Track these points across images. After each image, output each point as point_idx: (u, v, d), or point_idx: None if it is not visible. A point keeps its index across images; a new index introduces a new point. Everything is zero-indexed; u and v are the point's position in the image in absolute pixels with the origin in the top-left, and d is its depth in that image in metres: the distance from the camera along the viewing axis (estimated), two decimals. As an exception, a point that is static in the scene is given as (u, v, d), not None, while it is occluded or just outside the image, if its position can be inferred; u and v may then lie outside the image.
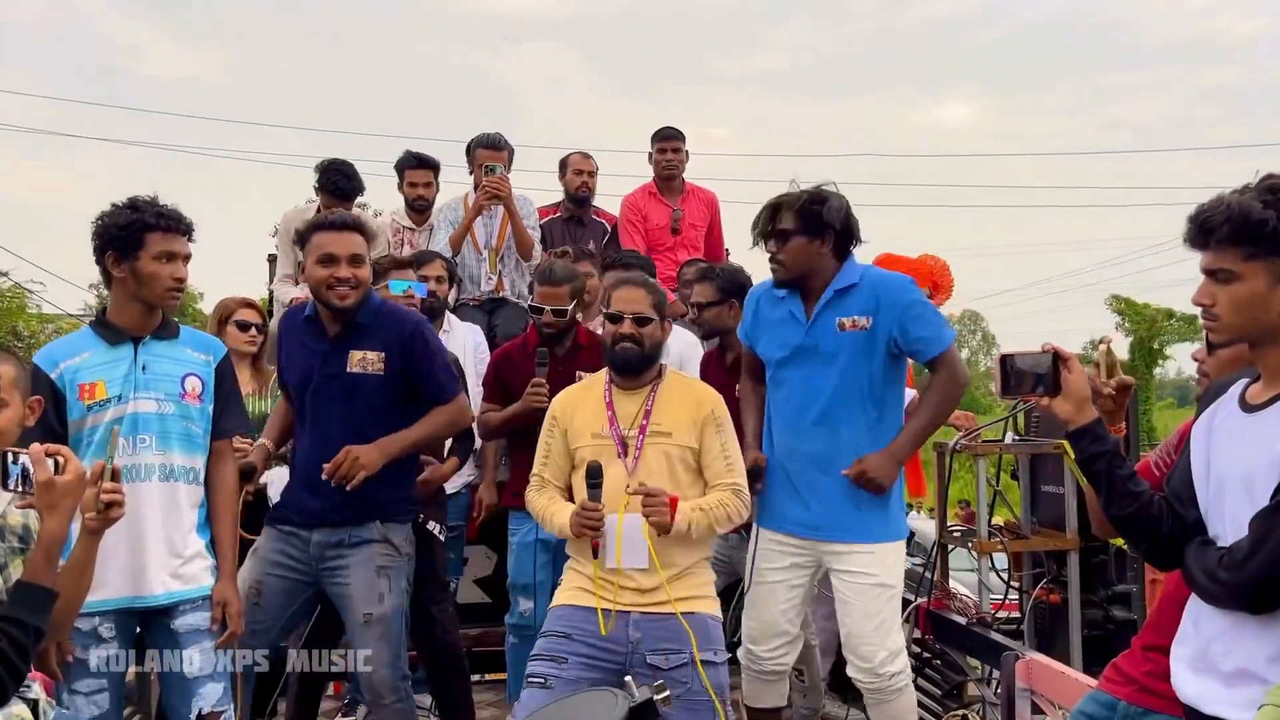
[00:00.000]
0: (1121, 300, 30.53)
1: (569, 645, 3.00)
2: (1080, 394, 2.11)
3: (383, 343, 3.29)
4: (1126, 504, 2.05)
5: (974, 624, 4.02)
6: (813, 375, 3.31)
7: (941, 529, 4.50)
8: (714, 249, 5.78)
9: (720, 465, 3.13)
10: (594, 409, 3.20)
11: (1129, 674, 2.42)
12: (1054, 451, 4.40)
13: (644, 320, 3.17)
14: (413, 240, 5.39)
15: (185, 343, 3.06)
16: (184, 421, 2.98)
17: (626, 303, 3.20)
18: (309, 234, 3.31)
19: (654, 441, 3.11)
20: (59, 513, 1.96)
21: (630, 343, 3.15)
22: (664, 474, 3.08)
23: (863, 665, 3.26)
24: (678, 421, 3.13)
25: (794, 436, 3.35)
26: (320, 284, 3.23)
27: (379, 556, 3.27)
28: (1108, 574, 4.40)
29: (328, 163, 5.20)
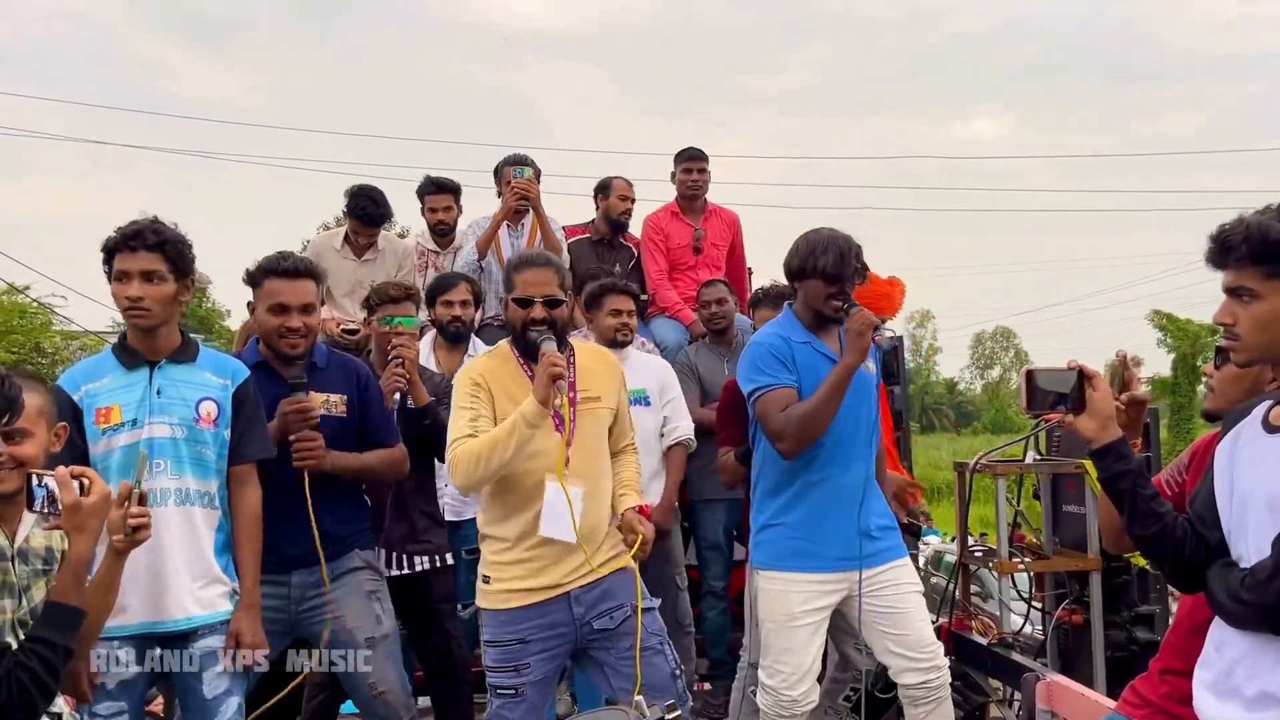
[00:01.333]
0: (1163, 316, 29.95)
1: (525, 650, 3.00)
2: (1104, 412, 2.11)
3: (341, 386, 3.36)
4: (1149, 524, 2.05)
5: (995, 645, 4.00)
6: (852, 408, 3.37)
7: (962, 549, 4.48)
8: (736, 269, 5.80)
9: (625, 424, 3.29)
10: (513, 378, 3.07)
11: (1146, 697, 2.41)
12: (1075, 471, 4.38)
13: (554, 302, 3.07)
14: (438, 263, 5.45)
15: (204, 366, 3.02)
16: (197, 446, 2.95)
17: (536, 285, 3.07)
18: (260, 277, 3.27)
19: (587, 409, 3.12)
20: (86, 534, 2.01)
21: (544, 327, 3.03)
22: (599, 439, 3.16)
23: (927, 664, 3.38)
24: (603, 386, 3.18)
25: (842, 469, 3.39)
26: (271, 332, 3.25)
27: (367, 582, 3.35)
28: (1131, 595, 4.35)
29: (357, 188, 5.26)
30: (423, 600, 3.79)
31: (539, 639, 3.01)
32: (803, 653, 3.37)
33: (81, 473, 2.05)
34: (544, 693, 3.08)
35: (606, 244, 5.68)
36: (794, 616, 3.37)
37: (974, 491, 4.41)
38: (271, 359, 3.33)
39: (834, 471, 3.39)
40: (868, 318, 3.29)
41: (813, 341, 3.43)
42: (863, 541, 3.37)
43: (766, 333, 3.53)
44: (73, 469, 2.06)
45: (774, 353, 3.41)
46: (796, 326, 3.48)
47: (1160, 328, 29.88)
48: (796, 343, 3.44)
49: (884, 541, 3.45)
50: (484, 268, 5.22)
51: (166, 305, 2.92)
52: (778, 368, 3.38)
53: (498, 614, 3.04)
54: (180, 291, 2.94)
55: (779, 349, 3.41)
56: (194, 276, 2.99)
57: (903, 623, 3.39)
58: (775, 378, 3.37)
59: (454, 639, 3.88)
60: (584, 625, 3.04)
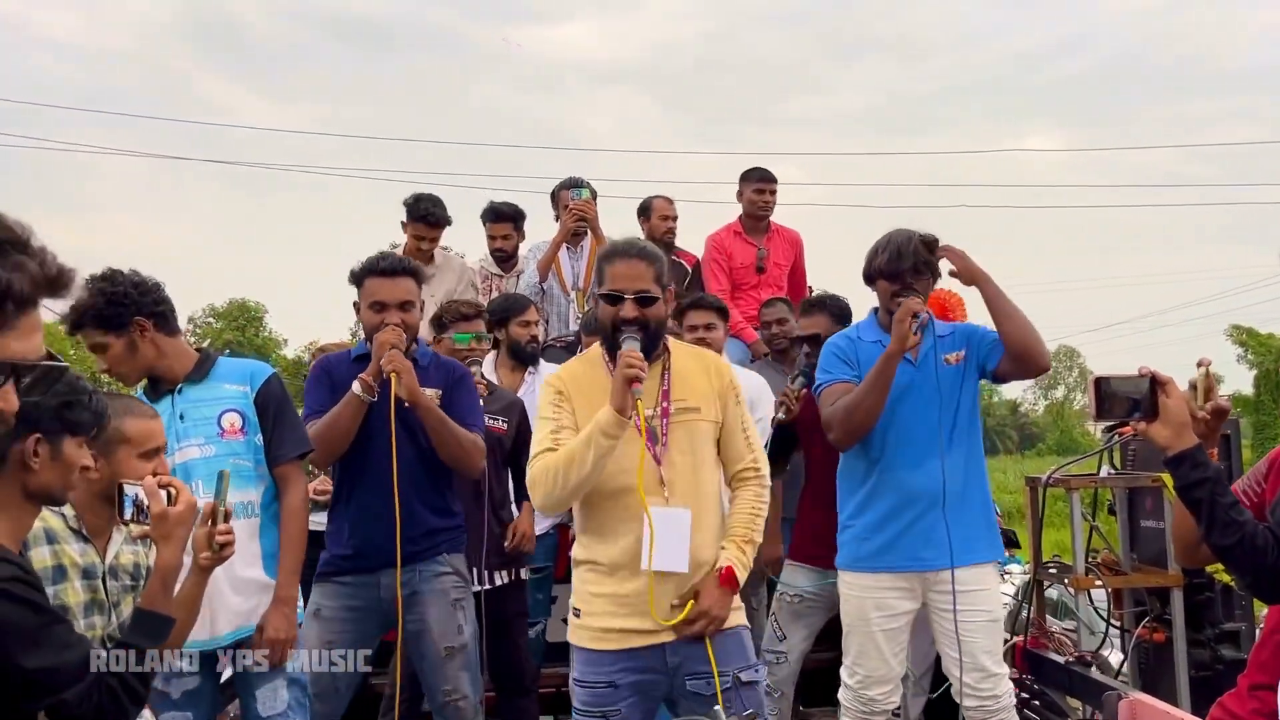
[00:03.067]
0: (1243, 331, 28.91)
1: (615, 694, 2.71)
2: (1180, 418, 2.07)
3: (438, 382, 3.42)
4: (1230, 533, 2.00)
5: (1073, 663, 3.91)
6: (918, 408, 3.37)
7: (1036, 566, 4.40)
8: (797, 288, 5.79)
9: (741, 442, 2.86)
10: (600, 385, 2.74)
11: (1235, 713, 2.34)
12: (1153, 485, 4.28)
13: (648, 299, 2.75)
14: (501, 286, 5.51)
15: (221, 378, 3.03)
16: (230, 458, 2.94)
17: (627, 279, 2.75)
18: (362, 277, 3.38)
19: (682, 420, 2.78)
20: (173, 542, 2.05)
21: (635, 327, 2.72)
22: (696, 454, 2.78)
23: (986, 694, 3.30)
24: (701, 394, 2.82)
25: (911, 469, 3.36)
26: (372, 329, 3.33)
27: (453, 589, 3.37)
28: (1214, 611, 4.24)
29: (416, 195, 5.30)
30: (496, 615, 3.82)
31: (630, 683, 2.72)
32: (877, 656, 3.36)
33: (169, 482, 2.10)
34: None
35: None
36: (868, 620, 3.36)
37: (1048, 514, 4.32)
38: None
39: (902, 472, 3.36)
40: (909, 306, 3.26)
41: (883, 339, 3.40)
42: (940, 542, 3.31)
43: (837, 333, 3.63)
44: (160, 479, 2.11)
45: (836, 352, 3.50)
46: (871, 327, 3.53)
47: (1240, 343, 28.86)
48: (866, 342, 3.48)
49: (965, 544, 3.33)
50: (545, 290, 5.27)
51: (125, 362, 2.94)
52: (837, 364, 3.46)
53: (587, 653, 2.76)
54: (130, 342, 2.92)
55: (842, 348, 3.50)
56: (138, 318, 2.89)
57: (967, 648, 3.31)
58: (832, 373, 3.45)
59: (524, 654, 3.91)
60: (676, 678, 2.74)
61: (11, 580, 1.71)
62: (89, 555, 2.40)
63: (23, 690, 1.72)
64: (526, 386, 4.58)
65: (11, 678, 1.69)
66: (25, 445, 1.85)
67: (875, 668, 3.37)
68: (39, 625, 1.73)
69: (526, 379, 4.60)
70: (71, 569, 2.35)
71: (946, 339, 3.49)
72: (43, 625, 1.74)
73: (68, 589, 2.33)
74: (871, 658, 3.37)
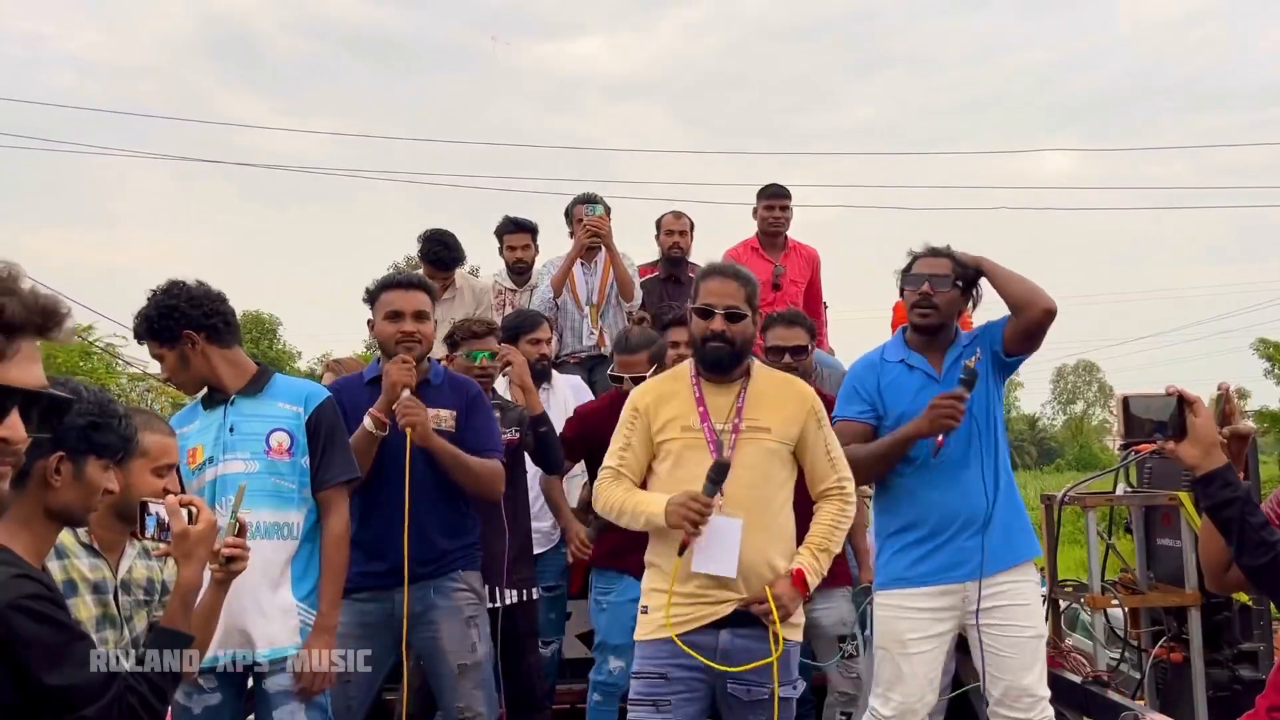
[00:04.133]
0: (1270, 345, 28.34)
1: (667, 686, 2.90)
2: (1209, 438, 2.06)
3: (453, 403, 3.45)
4: (1261, 553, 1.99)
5: (1089, 682, 3.89)
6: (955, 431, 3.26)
7: (1052, 584, 4.37)
8: (813, 304, 5.78)
9: (824, 464, 3.05)
10: (683, 401, 3.01)
11: (1254, 734, 2.32)
12: (1169, 503, 4.25)
13: (737, 316, 2.98)
14: (514, 301, 5.54)
15: (276, 395, 3.03)
16: (272, 478, 2.95)
17: (718, 296, 2.99)
18: (377, 292, 3.44)
19: (751, 437, 2.96)
20: (193, 560, 2.07)
21: (721, 341, 2.97)
22: (759, 471, 2.96)
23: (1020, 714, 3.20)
24: (776, 417, 3.00)
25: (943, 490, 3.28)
26: (389, 339, 3.38)
27: (467, 607, 3.40)
28: (1233, 631, 4.19)
29: (429, 233, 5.40)
30: (509, 633, 3.82)
31: (681, 678, 2.90)
32: (912, 680, 3.24)
33: (189, 501, 2.12)
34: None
35: (674, 280, 5.74)
36: (904, 642, 3.25)
37: (1068, 531, 4.30)
38: None
39: (936, 492, 3.29)
40: (954, 396, 3.13)
41: (909, 358, 3.39)
42: (976, 555, 3.23)
43: (863, 357, 3.57)
44: (181, 497, 2.13)
45: (856, 384, 3.45)
46: (898, 344, 3.48)
47: (1268, 357, 28.23)
48: (890, 362, 3.43)
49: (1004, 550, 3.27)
50: (559, 305, 5.30)
51: (179, 373, 3.02)
52: (854, 399, 3.42)
53: (645, 645, 2.97)
54: (181, 354, 2.98)
55: (860, 378, 3.45)
56: (188, 331, 2.95)
57: (1004, 667, 3.23)
58: (845, 409, 3.42)
59: (536, 672, 3.90)
60: (720, 679, 2.93)
61: (35, 598, 1.72)
62: (100, 570, 2.41)
63: (45, 707, 1.73)
64: (542, 399, 4.60)
65: (34, 694, 1.70)
66: (48, 462, 1.86)
67: (910, 693, 3.23)
68: (61, 642, 1.75)
69: (542, 392, 4.62)
70: (81, 584, 2.36)
71: (969, 347, 3.41)
72: (65, 642, 1.76)
73: (79, 604, 2.34)
74: (906, 683, 3.24)
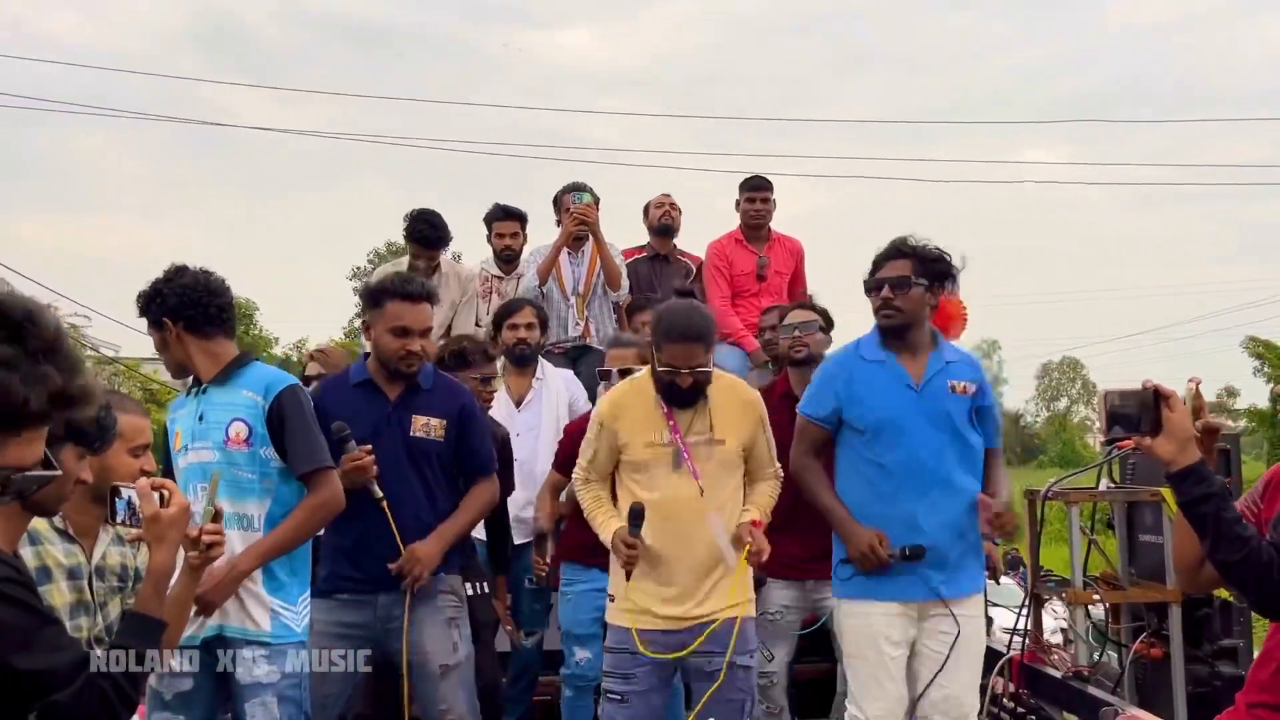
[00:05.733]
0: (1260, 343, 28.29)
1: (633, 660, 3.21)
2: (1183, 433, 2.05)
3: (443, 411, 3.40)
4: (1235, 549, 1.98)
5: (1070, 678, 3.90)
6: (927, 440, 3.29)
7: (1034, 580, 4.38)
8: (796, 297, 5.76)
9: (765, 457, 3.39)
10: (647, 415, 3.28)
11: (1234, 731, 2.32)
12: (1151, 499, 4.26)
13: (703, 373, 3.23)
14: (501, 289, 5.51)
15: (242, 384, 2.97)
16: (231, 468, 2.89)
17: (683, 359, 3.19)
18: (384, 299, 3.32)
19: (712, 449, 3.26)
20: (166, 545, 2.03)
21: (689, 391, 3.23)
22: (720, 479, 3.26)
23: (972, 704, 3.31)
24: (733, 427, 3.29)
25: (914, 502, 3.28)
26: (393, 354, 3.31)
27: (448, 609, 3.39)
28: (1213, 628, 4.21)
29: (416, 212, 5.32)
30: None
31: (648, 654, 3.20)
32: (890, 683, 3.26)
33: (161, 484, 2.08)
34: (650, 702, 3.25)
35: (663, 259, 5.74)
36: (879, 649, 3.27)
37: (1053, 530, 4.30)
38: (378, 375, 3.39)
39: (908, 503, 3.28)
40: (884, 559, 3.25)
41: (885, 361, 3.38)
42: (945, 571, 3.29)
43: (840, 349, 3.58)
44: (153, 481, 2.09)
45: (827, 379, 3.45)
46: (871, 344, 3.44)
47: (1257, 355, 28.19)
48: (867, 361, 3.41)
49: (968, 574, 3.37)
50: (545, 294, 5.27)
51: (163, 354, 3.03)
52: (822, 397, 3.44)
53: (613, 628, 3.29)
54: (162, 339, 2.98)
55: (832, 375, 3.45)
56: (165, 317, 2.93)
57: (950, 677, 3.28)
58: (812, 407, 3.46)
59: (491, 660, 3.94)
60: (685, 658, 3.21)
61: (6, 581, 1.69)
62: (74, 556, 2.38)
63: (15, 692, 1.71)
64: (534, 393, 4.59)
65: (4, 679, 1.68)
66: None
67: (889, 694, 3.26)
68: (32, 627, 1.72)
69: (534, 385, 4.60)
70: (56, 569, 2.34)
71: (957, 365, 3.41)
72: (36, 627, 1.73)
73: (52, 590, 2.31)
74: (884, 686, 3.26)
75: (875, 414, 3.33)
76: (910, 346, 3.38)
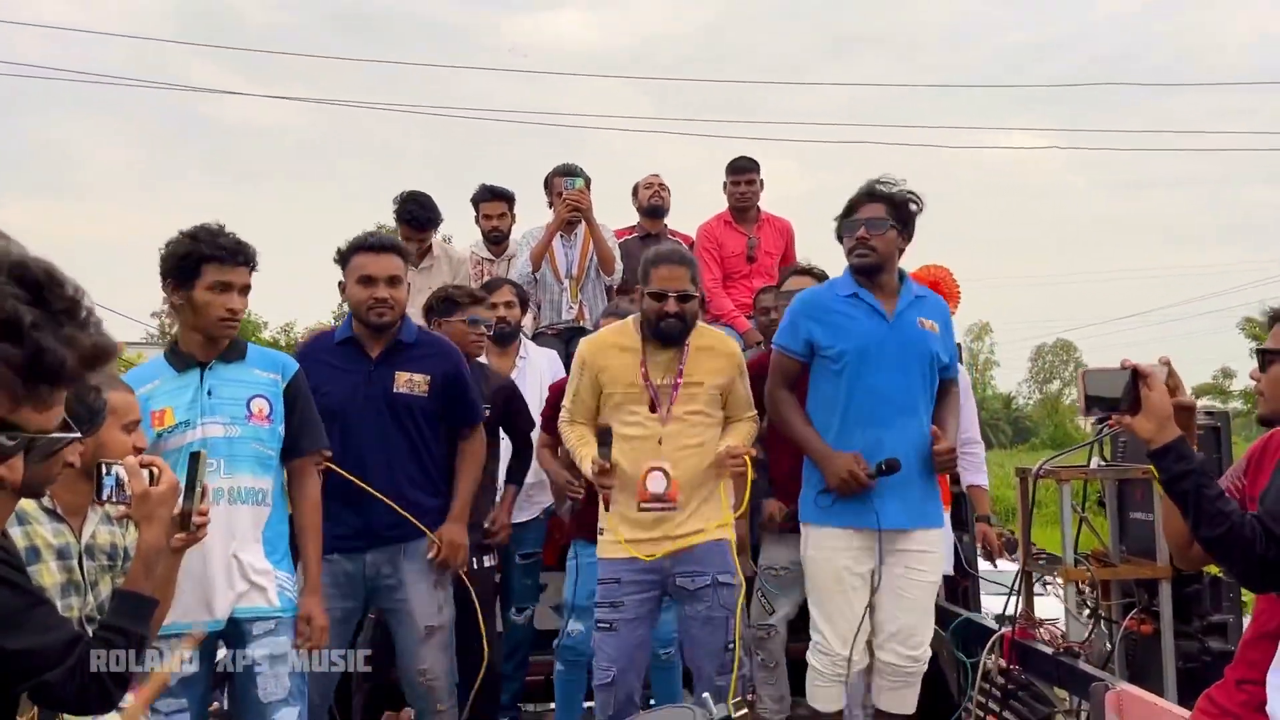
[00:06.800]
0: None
1: (620, 588, 3.41)
2: (1162, 411, 2.06)
3: (427, 367, 3.44)
4: (1218, 524, 1.99)
5: (1061, 654, 3.91)
6: (900, 368, 3.41)
7: (1025, 556, 4.39)
8: (789, 275, 5.77)
9: (743, 401, 3.57)
10: (627, 359, 3.46)
11: (1224, 706, 2.33)
12: (1142, 477, 4.28)
13: (687, 297, 3.39)
14: (492, 271, 5.48)
15: (253, 363, 3.03)
16: (254, 444, 2.96)
17: (669, 281, 3.38)
18: (349, 255, 3.41)
19: (688, 391, 3.43)
20: (155, 523, 2.02)
21: (675, 319, 3.38)
22: (692, 421, 3.43)
23: (909, 652, 3.41)
24: (709, 371, 3.46)
25: (882, 429, 3.38)
26: (360, 304, 3.37)
27: (435, 570, 3.41)
28: (1203, 604, 4.24)
29: (405, 194, 5.31)
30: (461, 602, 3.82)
31: (632, 581, 3.41)
32: (850, 612, 3.39)
33: (150, 462, 2.07)
34: (636, 631, 3.43)
35: (654, 238, 5.71)
36: (840, 578, 3.40)
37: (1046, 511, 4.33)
38: (361, 334, 3.44)
39: (873, 430, 3.39)
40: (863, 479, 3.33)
41: (859, 293, 3.48)
42: (908, 502, 3.39)
43: (810, 289, 3.69)
44: (142, 458, 2.08)
45: (801, 311, 3.54)
46: (847, 280, 3.55)
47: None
48: (841, 296, 3.50)
49: (930, 506, 3.49)
50: (537, 279, 5.25)
51: (174, 319, 3.09)
52: (795, 331, 3.52)
53: (604, 561, 3.47)
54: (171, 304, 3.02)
55: (808, 308, 3.53)
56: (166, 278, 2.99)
57: (900, 605, 3.41)
58: (786, 339, 3.54)
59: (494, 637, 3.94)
60: (669, 576, 3.42)
61: None
62: (63, 535, 2.37)
63: (5, 672, 1.70)
64: (518, 371, 4.59)
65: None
66: None
67: (849, 620, 3.39)
68: (22, 606, 1.71)
69: (518, 364, 4.61)
70: (45, 550, 2.32)
71: (925, 301, 3.55)
72: (25, 607, 1.72)
73: (42, 570, 2.30)
74: (846, 616, 3.39)
75: (849, 341, 3.43)
76: (881, 285, 3.49)
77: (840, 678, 3.42)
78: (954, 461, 3.51)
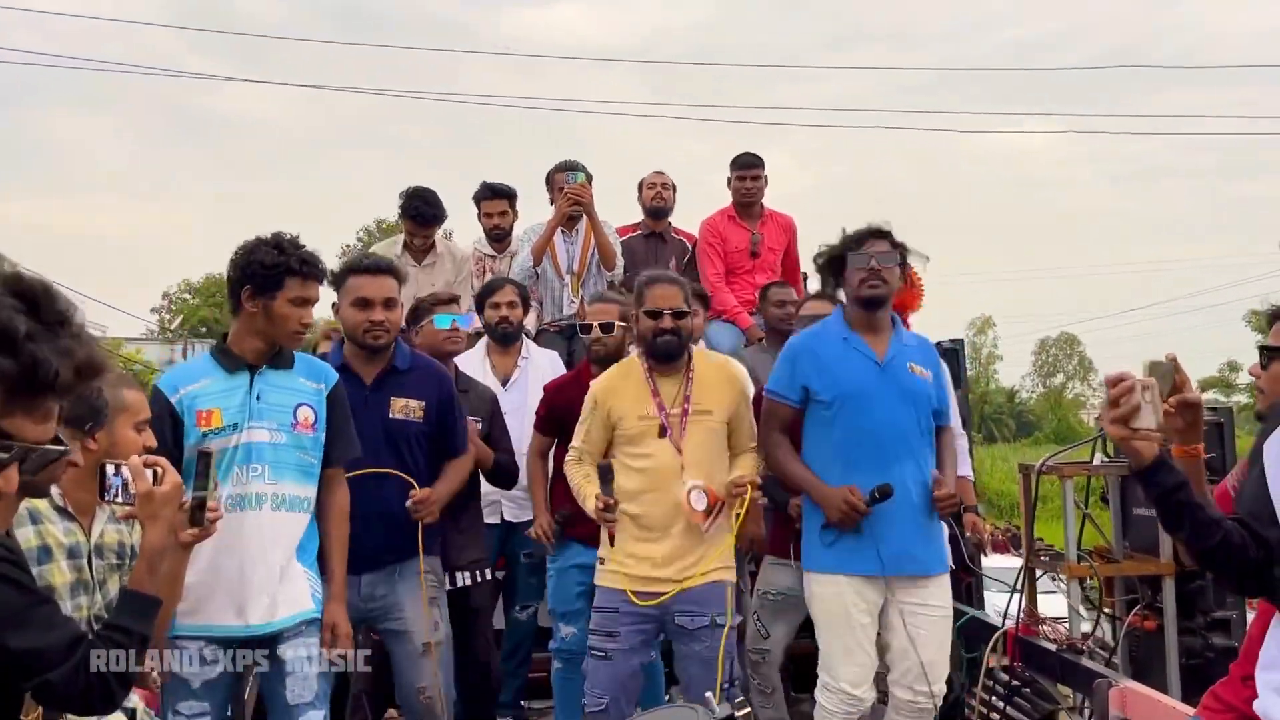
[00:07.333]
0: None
1: (618, 619, 3.42)
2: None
3: (422, 392, 3.47)
4: (1211, 533, 1.98)
5: (1065, 650, 3.91)
6: (894, 414, 3.41)
7: (1029, 553, 4.40)
8: (791, 273, 5.77)
9: (746, 431, 3.60)
10: (636, 391, 3.51)
11: (1229, 702, 2.35)
12: (1146, 473, 4.26)
13: (682, 314, 3.47)
14: (494, 268, 5.49)
15: (299, 372, 3.05)
16: (298, 451, 2.97)
17: (664, 299, 3.47)
18: (344, 277, 3.41)
19: (697, 420, 3.48)
20: (159, 522, 2.02)
21: (672, 335, 3.46)
22: (706, 449, 3.48)
23: (925, 688, 3.39)
24: (717, 400, 3.52)
25: (882, 472, 3.36)
26: (356, 327, 3.38)
27: (430, 588, 3.43)
28: (1206, 600, 4.23)
29: (411, 190, 5.32)
30: (461, 610, 3.85)
31: (630, 613, 3.42)
32: (864, 651, 3.38)
33: (155, 462, 2.07)
34: (630, 661, 3.44)
35: (658, 237, 5.74)
36: (849, 617, 3.37)
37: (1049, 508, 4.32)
38: (355, 359, 3.45)
39: (872, 477, 3.35)
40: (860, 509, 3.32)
41: (851, 339, 3.49)
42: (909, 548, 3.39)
43: (805, 331, 3.68)
44: (146, 458, 2.08)
45: (791, 356, 3.54)
46: (839, 322, 3.56)
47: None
48: (831, 339, 3.51)
49: (935, 553, 3.50)
50: (539, 274, 5.25)
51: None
52: (790, 377, 3.51)
53: (602, 590, 3.49)
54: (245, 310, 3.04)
55: (799, 351, 3.53)
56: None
57: (919, 646, 3.38)
58: (781, 387, 3.53)
59: (488, 651, 4.03)
60: (669, 614, 3.42)
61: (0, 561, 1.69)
62: (74, 534, 2.38)
63: (8, 671, 1.71)
64: (519, 372, 4.59)
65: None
66: None
67: (859, 662, 3.37)
68: (25, 605, 1.72)
69: (520, 364, 4.60)
70: (56, 549, 2.33)
71: (914, 349, 3.56)
72: (29, 605, 1.73)
73: (53, 569, 2.31)
74: (858, 652, 3.37)
75: (841, 386, 3.43)
76: (875, 327, 3.51)
77: (850, 716, 3.40)
78: (954, 506, 3.54)
